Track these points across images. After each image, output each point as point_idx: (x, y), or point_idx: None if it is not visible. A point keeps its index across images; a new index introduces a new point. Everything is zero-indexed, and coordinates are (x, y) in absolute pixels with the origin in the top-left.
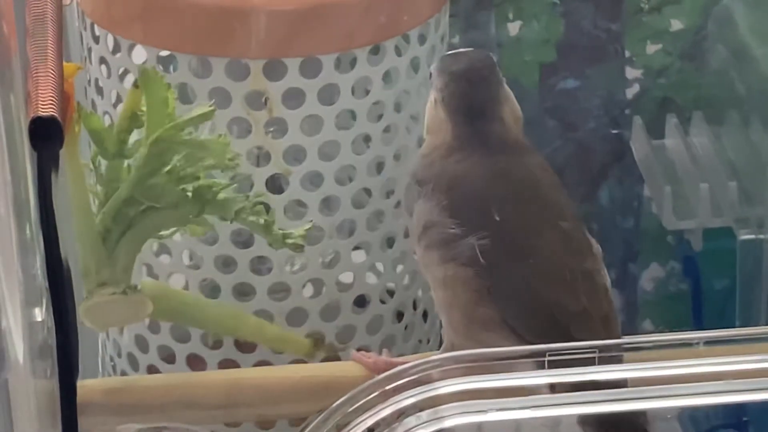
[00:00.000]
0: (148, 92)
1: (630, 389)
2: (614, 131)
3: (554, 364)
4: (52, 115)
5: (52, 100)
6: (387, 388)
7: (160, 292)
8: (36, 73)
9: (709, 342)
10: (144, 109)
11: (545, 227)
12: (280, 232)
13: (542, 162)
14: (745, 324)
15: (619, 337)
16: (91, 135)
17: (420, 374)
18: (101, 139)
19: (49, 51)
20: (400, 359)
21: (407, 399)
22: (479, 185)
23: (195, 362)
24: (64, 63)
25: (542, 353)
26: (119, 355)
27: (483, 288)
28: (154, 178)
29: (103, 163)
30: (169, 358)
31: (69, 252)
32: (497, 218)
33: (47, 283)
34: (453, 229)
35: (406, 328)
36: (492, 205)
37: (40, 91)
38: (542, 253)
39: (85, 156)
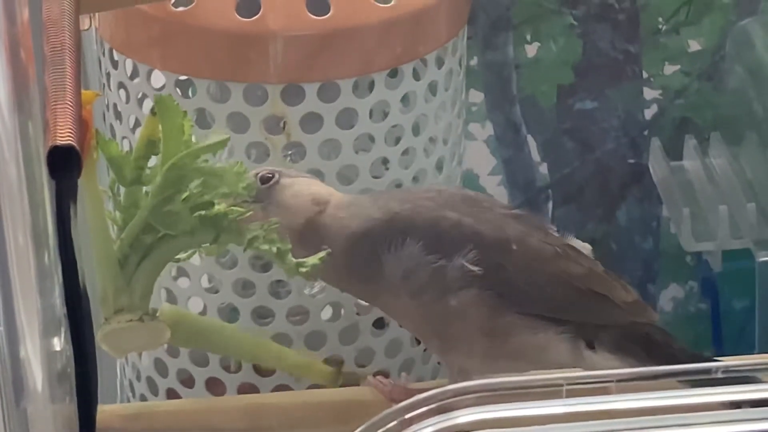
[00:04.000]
0: (164, 119)
1: (649, 417)
2: (630, 161)
3: (571, 393)
4: (71, 144)
5: (70, 130)
6: (406, 416)
7: (179, 318)
8: (54, 102)
9: (727, 371)
10: (161, 136)
11: (502, 218)
12: (294, 260)
13: None
14: (764, 344)
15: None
16: (109, 162)
17: (439, 403)
18: (119, 166)
19: (67, 80)
20: (418, 386)
21: (426, 428)
22: (431, 212)
23: (214, 386)
24: (83, 90)
25: (559, 383)
26: (138, 379)
27: (494, 296)
28: (170, 205)
29: (122, 189)
30: (188, 381)
31: (87, 278)
32: (466, 230)
33: (66, 312)
34: (437, 262)
35: (425, 350)
36: (456, 222)
37: (58, 120)
38: (520, 239)
39: (103, 183)
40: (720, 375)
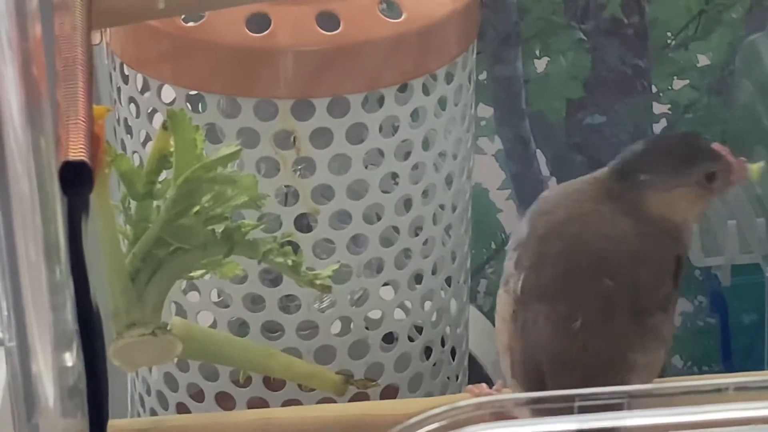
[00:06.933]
0: (177, 134)
1: None
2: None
3: (583, 410)
4: (82, 159)
5: (82, 145)
6: None
7: (189, 331)
8: (67, 117)
9: (739, 388)
10: (173, 150)
11: (586, 277)
12: (308, 273)
13: (660, 242)
14: None
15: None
16: (121, 176)
17: (450, 419)
18: (131, 181)
19: (79, 95)
20: (428, 401)
21: None
22: (558, 223)
23: (224, 400)
24: (95, 105)
25: (571, 398)
26: (148, 393)
27: (510, 318)
28: (183, 218)
29: (133, 204)
30: (198, 396)
31: (99, 294)
32: (548, 261)
33: (78, 328)
34: (523, 259)
35: (434, 365)
36: (554, 247)
37: (70, 136)
38: (565, 299)
39: (114, 197)
40: (732, 392)
